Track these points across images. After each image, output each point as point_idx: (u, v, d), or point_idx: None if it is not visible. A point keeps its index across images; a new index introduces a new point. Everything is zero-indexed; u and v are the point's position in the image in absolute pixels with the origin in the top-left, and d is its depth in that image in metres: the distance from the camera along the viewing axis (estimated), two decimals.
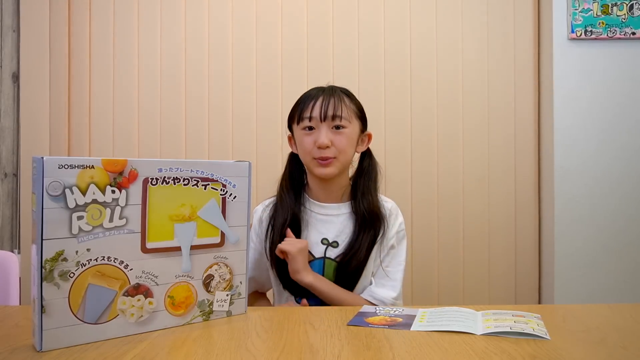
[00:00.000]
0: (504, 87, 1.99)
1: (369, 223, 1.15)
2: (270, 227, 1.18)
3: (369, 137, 1.24)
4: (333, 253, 1.16)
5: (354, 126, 1.18)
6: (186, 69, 1.95)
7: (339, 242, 1.16)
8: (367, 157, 1.24)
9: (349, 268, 1.14)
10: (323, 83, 1.27)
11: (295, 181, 1.23)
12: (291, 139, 1.24)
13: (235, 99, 1.95)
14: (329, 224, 1.18)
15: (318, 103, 1.14)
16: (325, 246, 1.17)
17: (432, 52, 1.98)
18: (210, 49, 1.95)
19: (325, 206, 1.20)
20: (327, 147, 1.13)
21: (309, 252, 1.15)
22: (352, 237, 1.16)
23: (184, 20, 1.95)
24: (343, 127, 1.15)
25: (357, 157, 1.24)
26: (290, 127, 1.24)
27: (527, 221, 1.99)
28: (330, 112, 1.13)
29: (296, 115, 1.18)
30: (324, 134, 1.13)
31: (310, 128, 1.15)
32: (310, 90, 1.21)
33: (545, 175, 1.95)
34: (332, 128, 1.14)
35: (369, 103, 1.29)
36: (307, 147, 1.15)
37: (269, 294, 1.31)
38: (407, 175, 1.97)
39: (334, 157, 1.14)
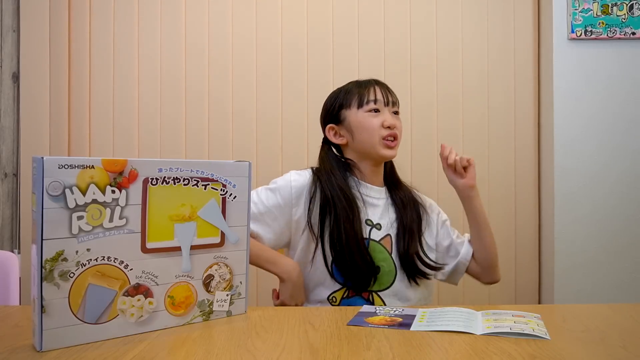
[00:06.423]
0: (504, 87, 1.99)
1: (408, 209, 1.22)
2: (325, 206, 1.15)
3: None
4: (377, 235, 1.19)
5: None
6: (186, 68, 1.95)
7: (382, 225, 1.20)
8: None
9: (406, 256, 1.17)
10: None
11: (339, 165, 1.23)
12: (332, 129, 1.24)
13: (236, 98, 1.95)
14: (372, 206, 1.21)
15: (378, 88, 1.21)
16: (370, 227, 1.19)
17: (432, 51, 1.98)
18: (210, 48, 1.95)
19: (371, 188, 1.23)
20: (396, 127, 1.20)
21: None
22: (398, 226, 1.20)
23: (184, 20, 1.95)
24: (398, 113, 1.24)
25: None
26: (335, 117, 1.23)
27: (527, 221, 1.99)
28: (391, 98, 1.22)
29: (354, 100, 1.20)
30: (390, 116, 1.20)
31: (376, 110, 1.19)
32: (355, 81, 1.25)
33: (545, 174, 1.95)
34: (392, 113, 1.22)
35: None
36: (375, 127, 1.18)
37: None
38: (406, 174, 1.95)
39: (398, 139, 1.21)
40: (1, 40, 1.89)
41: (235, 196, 0.87)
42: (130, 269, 0.76)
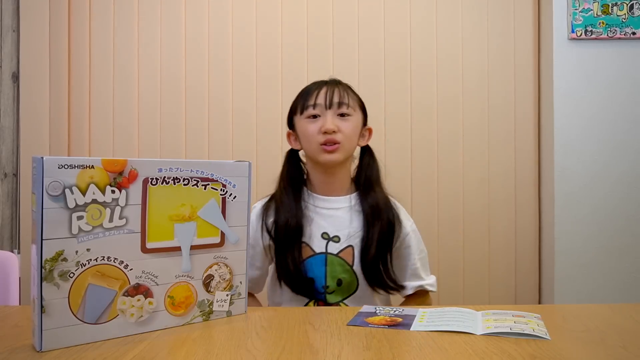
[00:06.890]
0: (504, 87, 1.99)
1: (376, 217, 1.15)
2: (273, 226, 1.16)
3: (370, 131, 1.24)
4: (335, 248, 1.14)
5: (357, 116, 1.18)
6: (186, 68, 1.95)
7: (340, 237, 1.15)
8: (367, 154, 1.23)
9: (369, 266, 1.13)
10: None
11: (293, 179, 1.20)
12: (290, 135, 1.22)
13: (236, 98, 1.95)
14: (329, 218, 1.16)
15: (323, 91, 1.15)
16: (326, 241, 1.15)
17: (432, 51, 1.98)
18: (210, 48, 1.95)
19: (325, 199, 1.18)
20: (334, 132, 1.12)
21: (310, 247, 1.14)
22: (363, 234, 1.14)
23: (184, 20, 1.95)
24: (348, 115, 1.15)
25: (357, 153, 1.23)
26: (290, 122, 1.22)
27: (527, 221, 1.99)
28: (336, 99, 1.14)
29: (299, 105, 1.17)
30: (330, 120, 1.12)
31: (315, 116, 1.14)
32: (312, 83, 1.20)
33: (545, 175, 1.95)
34: (337, 115, 1.14)
35: (368, 102, 1.28)
36: (312, 134, 1.13)
37: (262, 297, 1.29)
38: (406, 175, 1.97)
39: (340, 143, 1.12)
40: (1, 40, 1.89)
41: (235, 196, 0.87)
42: (130, 269, 0.76)
